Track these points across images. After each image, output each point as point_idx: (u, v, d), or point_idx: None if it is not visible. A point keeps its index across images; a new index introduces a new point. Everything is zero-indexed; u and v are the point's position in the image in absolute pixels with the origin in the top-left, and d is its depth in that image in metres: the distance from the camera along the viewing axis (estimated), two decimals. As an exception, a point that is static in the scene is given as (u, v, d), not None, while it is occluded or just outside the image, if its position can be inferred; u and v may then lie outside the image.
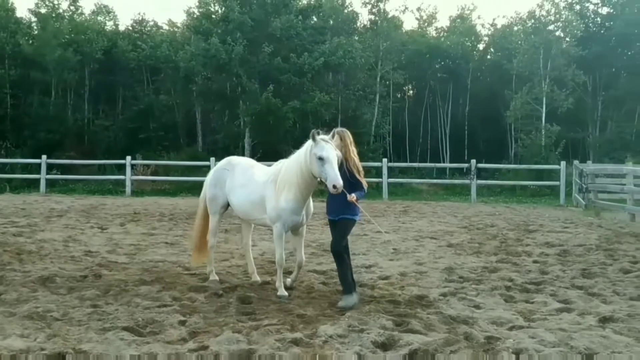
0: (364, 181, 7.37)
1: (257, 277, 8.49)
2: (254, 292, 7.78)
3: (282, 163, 7.88)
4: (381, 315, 6.57)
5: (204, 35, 33.96)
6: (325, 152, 7.04)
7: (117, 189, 26.35)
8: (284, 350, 5.49)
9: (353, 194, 7.07)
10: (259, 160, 9.19)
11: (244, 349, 5.48)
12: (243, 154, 32.96)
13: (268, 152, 29.64)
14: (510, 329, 6.33)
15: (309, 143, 7.27)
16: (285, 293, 7.58)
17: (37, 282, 8.10)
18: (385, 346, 5.69)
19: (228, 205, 8.30)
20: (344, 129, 7.68)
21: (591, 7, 41.64)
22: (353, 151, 7.47)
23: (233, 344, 5.62)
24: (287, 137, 32.79)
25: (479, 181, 25.02)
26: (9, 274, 8.49)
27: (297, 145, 7.79)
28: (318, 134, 7.24)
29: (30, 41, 37.69)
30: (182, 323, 6.31)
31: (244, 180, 8.07)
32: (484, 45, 48.11)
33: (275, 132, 32.38)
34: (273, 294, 7.65)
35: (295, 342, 5.71)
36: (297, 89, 33.39)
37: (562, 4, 39.55)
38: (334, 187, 6.85)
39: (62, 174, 28.37)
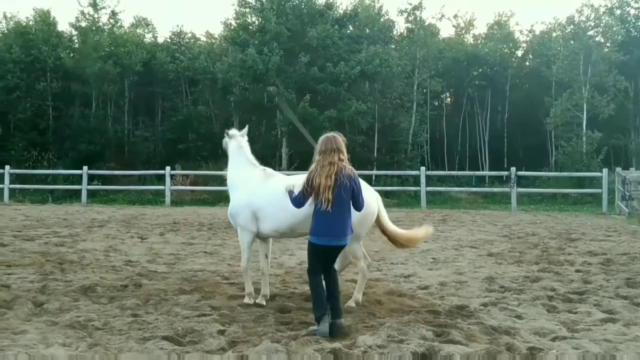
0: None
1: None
2: (293, 302, 7.76)
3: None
4: (421, 326, 6.49)
5: (241, 46, 34.31)
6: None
7: (156, 199, 26.65)
8: (322, 361, 5.46)
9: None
10: (295, 169, 9.23)
11: (283, 358, 5.46)
12: (280, 164, 33.15)
13: (305, 162, 29.69)
14: (553, 339, 6.19)
15: None
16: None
17: (78, 291, 8.18)
18: (425, 357, 5.61)
19: None
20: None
21: (632, 11, 40.99)
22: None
23: (272, 353, 5.60)
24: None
25: (519, 189, 24.67)
26: (52, 284, 8.60)
27: None
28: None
29: (71, 54, 38.59)
30: (221, 332, 6.31)
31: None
32: (523, 51, 47.70)
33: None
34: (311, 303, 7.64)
35: (334, 352, 5.66)
36: (334, 98, 33.47)
37: (602, 9, 39.11)
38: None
39: (102, 184, 28.84)
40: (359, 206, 6.44)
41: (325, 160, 6.20)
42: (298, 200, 6.47)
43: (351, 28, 38.31)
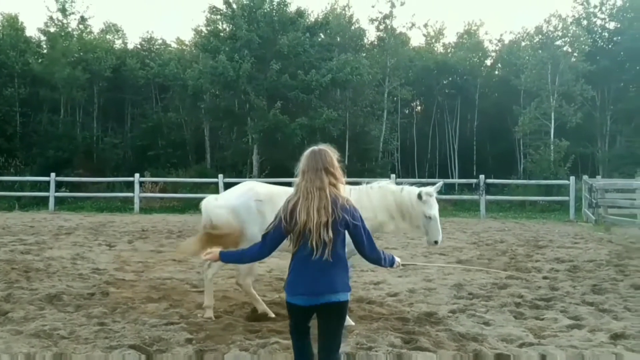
0: None
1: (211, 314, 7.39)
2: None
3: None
4: (389, 333, 6.51)
5: (211, 53, 34.20)
6: (434, 210, 7.32)
7: (125, 206, 26.39)
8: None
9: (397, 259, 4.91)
10: (267, 177, 9.03)
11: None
12: (251, 171, 33.05)
13: (276, 169, 29.67)
14: (521, 345, 6.26)
15: (410, 195, 7.29)
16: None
17: (44, 300, 8.08)
18: (393, 364, 5.63)
19: None
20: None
21: (598, 22, 41.59)
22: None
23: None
24: (296, 153, 32.69)
25: (488, 197, 24.90)
26: (17, 292, 8.47)
27: None
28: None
29: (40, 60, 38.07)
30: (189, 341, 6.27)
31: None
32: (492, 60, 48.19)
33: (284, 149, 32.40)
34: (279, 311, 7.61)
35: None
36: (305, 105, 33.49)
37: (569, 19, 39.60)
38: (436, 242, 7.39)
39: (70, 191, 28.46)
40: (369, 251, 4.53)
41: (312, 185, 4.33)
42: (263, 244, 4.53)
43: (322, 36, 38.37)
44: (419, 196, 7.15)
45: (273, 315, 7.31)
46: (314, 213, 4.24)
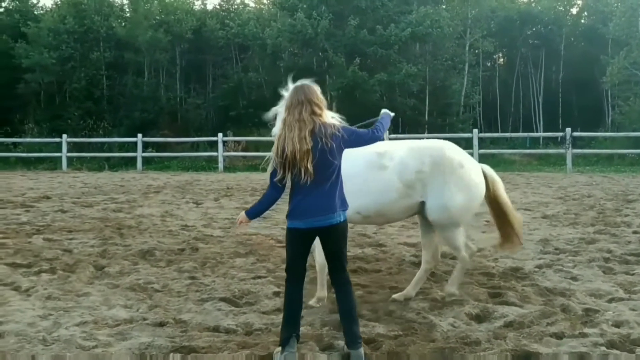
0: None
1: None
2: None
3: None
4: (474, 288, 6.51)
5: (289, 11, 34.21)
6: None
7: (210, 165, 27.01)
8: (375, 321, 5.54)
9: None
10: None
11: (336, 319, 5.56)
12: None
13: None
14: (610, 301, 6.13)
15: None
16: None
17: (137, 255, 8.43)
18: (479, 318, 5.64)
19: None
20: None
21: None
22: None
23: (326, 314, 5.72)
24: (375, 110, 32.60)
25: (575, 150, 24.18)
26: (111, 248, 8.88)
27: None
28: None
29: (123, 23, 38.97)
30: (277, 294, 6.42)
31: None
32: (578, 9, 46.31)
33: (363, 106, 32.26)
34: (363, 265, 7.72)
35: (389, 314, 5.76)
36: (384, 61, 33.19)
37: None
38: None
39: (157, 151, 29.30)
40: (369, 142, 4.86)
41: (293, 118, 4.57)
42: (272, 185, 4.81)
43: (401, -12, 37.72)
44: None
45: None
46: (296, 143, 4.47)
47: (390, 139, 5.91)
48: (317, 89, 4.71)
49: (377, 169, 5.99)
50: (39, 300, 6.30)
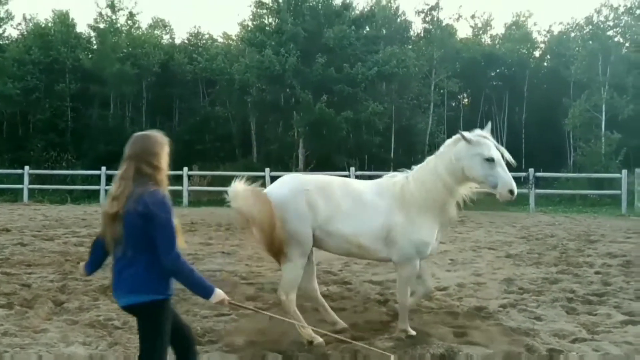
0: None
1: (343, 323, 6.44)
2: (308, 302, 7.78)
3: (396, 177, 6.38)
4: (440, 327, 6.48)
5: (258, 47, 34.45)
6: (494, 151, 5.82)
7: (174, 199, 26.54)
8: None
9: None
10: (312, 170, 8.29)
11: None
12: (297, 165, 33.16)
13: (322, 162, 29.73)
14: (573, 341, 6.16)
15: (457, 145, 5.97)
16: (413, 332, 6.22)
17: (97, 290, 8.25)
18: (444, 358, 5.60)
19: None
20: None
21: (653, 11, 40.54)
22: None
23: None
24: (341, 146, 32.85)
25: (538, 190, 24.50)
26: (71, 283, 8.68)
27: (351, 154, 7.31)
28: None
29: (90, 55, 38.83)
30: (240, 332, 6.34)
31: (351, 205, 6.04)
32: (541, 52, 47.48)
33: (329, 142, 32.48)
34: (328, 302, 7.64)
35: (354, 354, 5.70)
36: (351, 99, 33.47)
37: (621, 9, 38.65)
38: (511, 192, 5.78)
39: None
40: (162, 254, 3.87)
41: (121, 174, 3.99)
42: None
43: (368, 29, 38.30)
44: (468, 140, 5.84)
45: (320, 340, 5.95)
46: (108, 202, 3.95)
47: (356, 177, 5.70)
48: (161, 141, 4.11)
49: None
50: (-7, 336, 6.11)
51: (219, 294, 4.04)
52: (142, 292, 3.88)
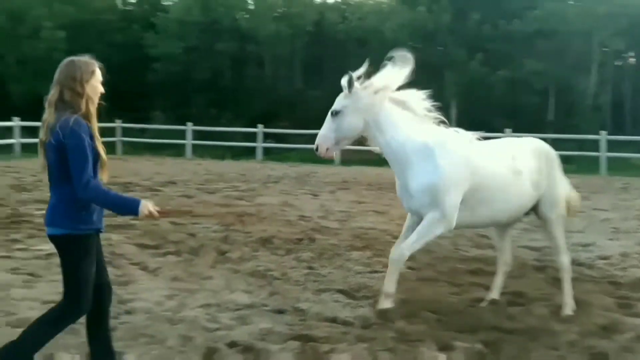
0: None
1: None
2: (464, 264, 7.73)
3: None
4: (602, 297, 6.22)
5: (410, 5, 33.88)
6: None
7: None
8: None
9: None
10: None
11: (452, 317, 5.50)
12: (450, 126, 32.58)
13: (476, 124, 29.02)
14: None
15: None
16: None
17: (257, 242, 8.65)
18: (607, 329, 5.37)
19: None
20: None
21: None
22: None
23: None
24: (497, 107, 31.91)
25: None
26: (233, 234, 9.15)
27: (507, 115, 7.13)
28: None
29: (247, 15, 39.93)
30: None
31: None
32: None
33: (484, 103, 31.62)
34: (483, 267, 7.53)
35: (511, 318, 5.63)
36: (507, 57, 32.27)
37: None
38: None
39: (276, 142, 29.84)
40: (74, 182, 3.74)
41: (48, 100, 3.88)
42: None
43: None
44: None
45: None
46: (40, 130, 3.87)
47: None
48: (86, 67, 3.89)
49: (514, 173, 5.76)
50: (165, 280, 6.59)
51: (144, 205, 3.83)
52: (57, 224, 3.87)
